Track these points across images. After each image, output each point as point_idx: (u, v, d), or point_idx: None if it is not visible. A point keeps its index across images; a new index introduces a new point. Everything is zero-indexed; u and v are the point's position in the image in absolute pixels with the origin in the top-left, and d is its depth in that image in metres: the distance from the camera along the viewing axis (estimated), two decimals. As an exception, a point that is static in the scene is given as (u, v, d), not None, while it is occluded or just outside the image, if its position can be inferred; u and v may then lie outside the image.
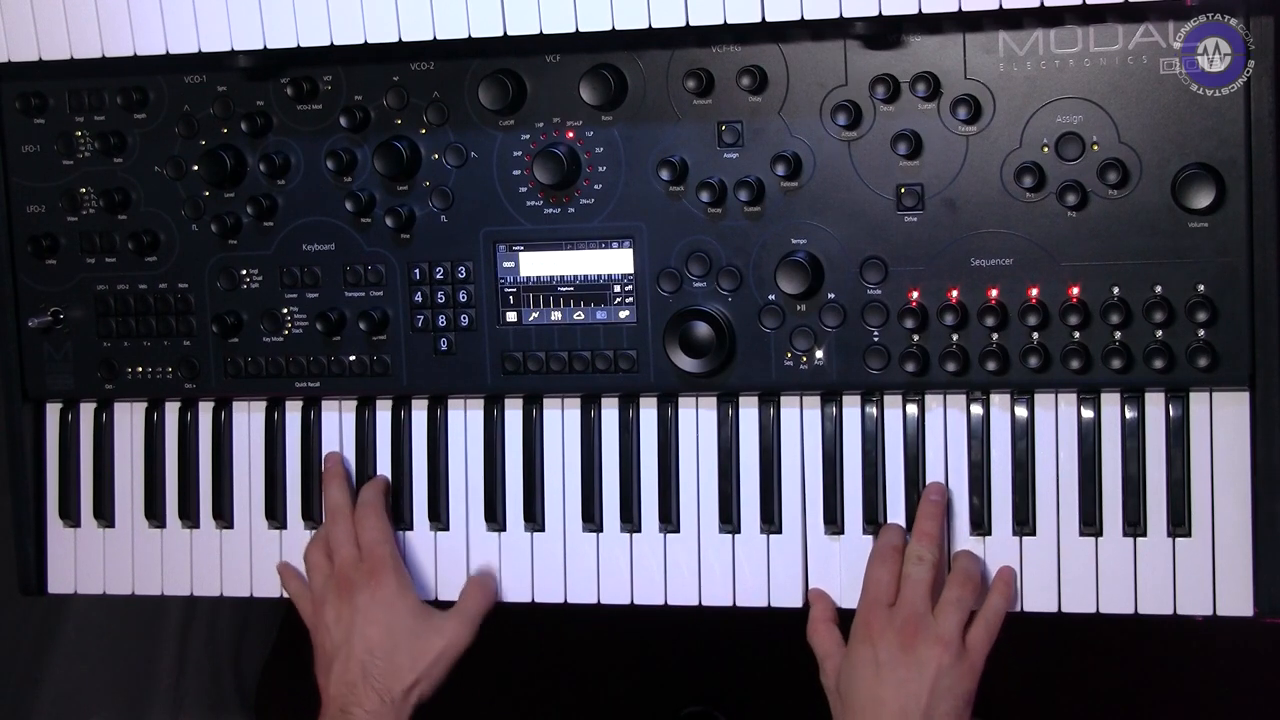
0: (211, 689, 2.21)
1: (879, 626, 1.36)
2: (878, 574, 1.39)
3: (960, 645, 1.35)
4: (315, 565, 1.52)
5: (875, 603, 1.38)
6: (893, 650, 1.34)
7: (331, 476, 1.55)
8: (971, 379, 1.41)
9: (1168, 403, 1.39)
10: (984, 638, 1.37)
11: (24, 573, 1.64)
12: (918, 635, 1.34)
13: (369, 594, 1.47)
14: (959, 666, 1.34)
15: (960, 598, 1.37)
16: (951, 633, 1.35)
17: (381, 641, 1.45)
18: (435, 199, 1.50)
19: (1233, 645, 2.12)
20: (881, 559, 1.40)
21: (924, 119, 1.39)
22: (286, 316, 1.55)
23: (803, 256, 1.42)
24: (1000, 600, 1.40)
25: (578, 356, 1.49)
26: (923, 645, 1.34)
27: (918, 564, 1.38)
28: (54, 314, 1.60)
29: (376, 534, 1.50)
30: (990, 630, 1.38)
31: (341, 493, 1.54)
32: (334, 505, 1.53)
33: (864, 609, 1.39)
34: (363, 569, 1.48)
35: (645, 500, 1.51)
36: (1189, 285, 1.36)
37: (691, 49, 1.44)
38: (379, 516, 1.52)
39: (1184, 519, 1.39)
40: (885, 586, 1.39)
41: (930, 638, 1.34)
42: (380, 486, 1.55)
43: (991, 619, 1.39)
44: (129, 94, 1.55)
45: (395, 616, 1.46)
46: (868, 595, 1.39)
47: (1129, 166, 1.35)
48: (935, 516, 1.41)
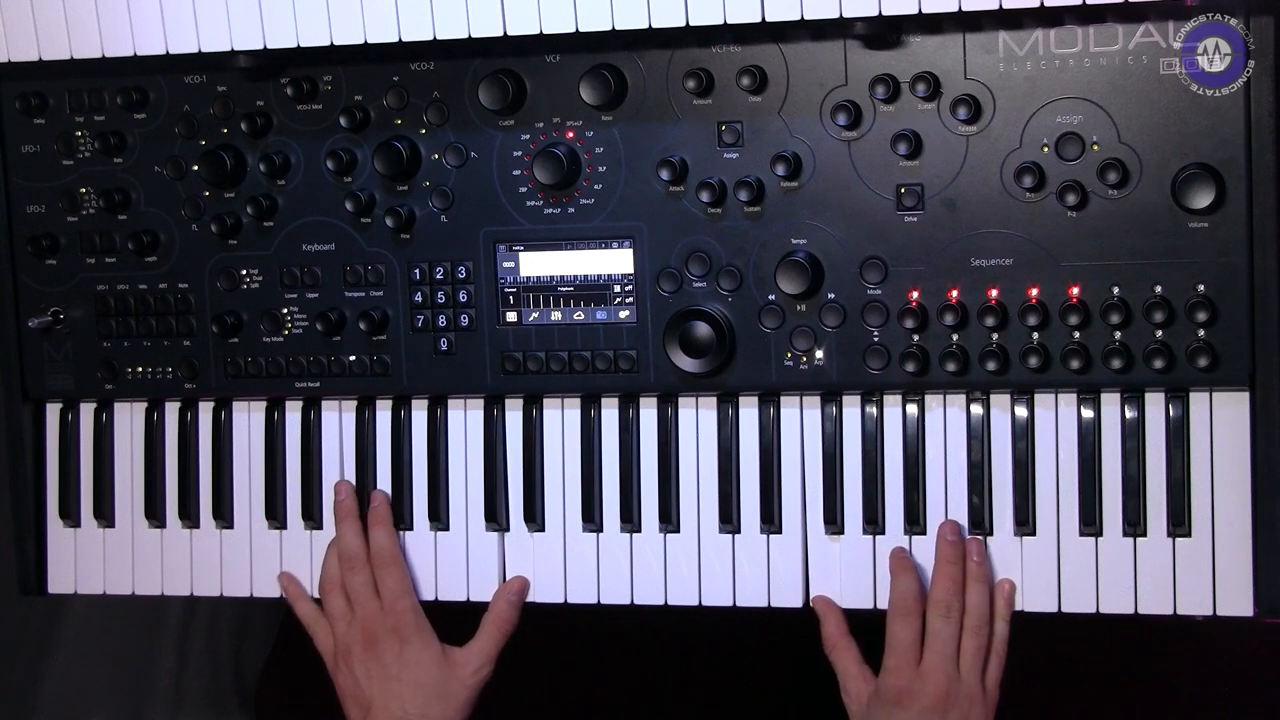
0: (211, 689, 2.21)
1: (910, 693, 1.38)
2: (902, 634, 1.41)
3: (981, 692, 1.39)
4: (338, 614, 1.52)
5: (904, 667, 1.39)
6: (923, 714, 1.37)
7: (344, 516, 1.54)
8: (971, 379, 1.41)
9: (1168, 403, 1.39)
10: (998, 673, 1.41)
11: (24, 573, 1.64)
12: (949, 698, 1.37)
13: (396, 652, 1.49)
14: (982, 713, 1.39)
15: (978, 647, 1.40)
16: (974, 685, 1.39)
17: (414, 696, 1.48)
18: (435, 199, 1.50)
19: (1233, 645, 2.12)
20: (904, 616, 1.41)
21: (924, 119, 1.39)
22: (286, 316, 1.55)
23: (803, 256, 1.42)
24: (1005, 627, 1.42)
25: (578, 356, 1.49)
26: (951, 706, 1.37)
27: (945, 620, 1.40)
28: (54, 314, 1.60)
29: (398, 586, 1.51)
30: (1002, 661, 1.42)
31: (356, 538, 1.53)
32: (351, 552, 1.52)
33: (892, 671, 1.40)
34: (387, 625, 1.50)
35: (645, 500, 1.51)
36: (1189, 285, 1.36)
37: (691, 49, 1.44)
38: (398, 565, 1.52)
39: (1184, 519, 1.39)
40: (911, 646, 1.40)
41: (958, 697, 1.38)
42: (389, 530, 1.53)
43: (1001, 650, 1.42)
44: (129, 94, 1.55)
45: (424, 672, 1.49)
46: (895, 655, 1.40)
47: (1129, 166, 1.35)
48: (956, 560, 1.42)
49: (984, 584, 1.42)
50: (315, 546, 1.58)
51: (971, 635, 1.40)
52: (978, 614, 1.41)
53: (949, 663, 1.39)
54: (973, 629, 1.40)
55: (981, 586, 1.41)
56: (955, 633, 1.40)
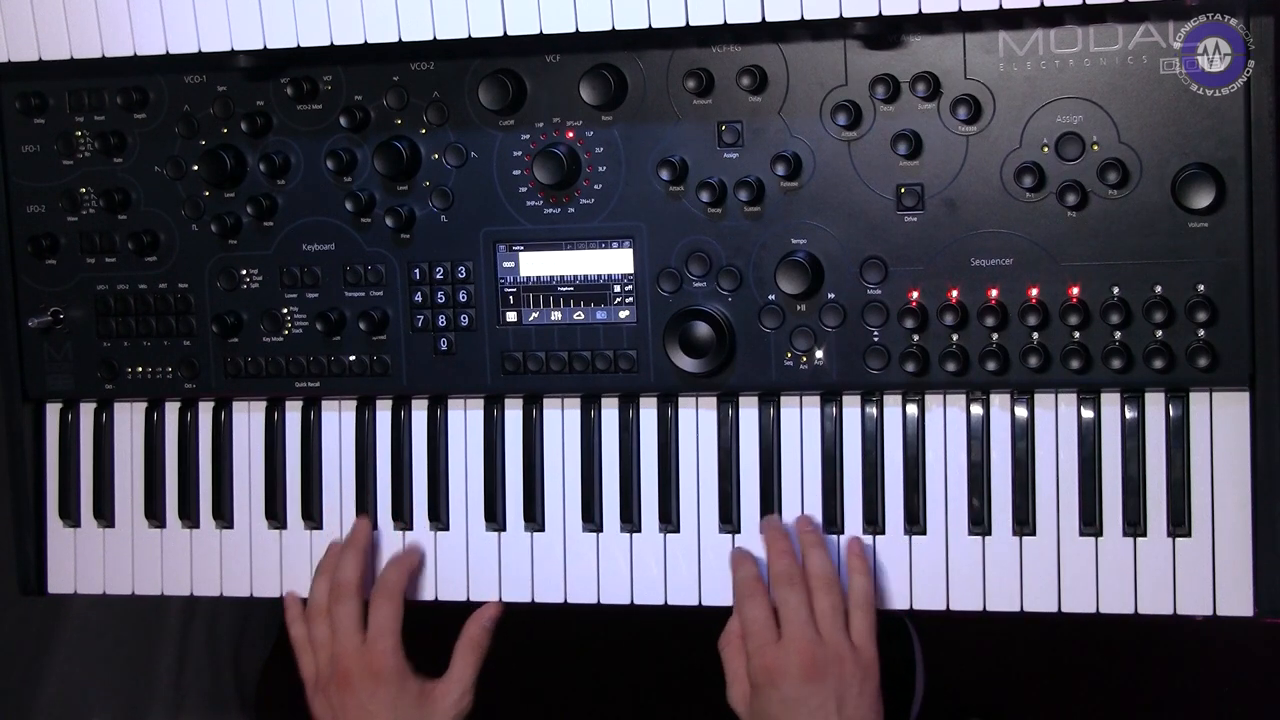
0: (211, 689, 2.21)
1: (778, 668, 1.35)
2: (754, 614, 1.39)
3: (853, 650, 1.36)
4: (320, 642, 1.49)
5: (765, 645, 1.37)
6: (797, 686, 1.34)
7: (351, 547, 1.52)
8: (971, 379, 1.41)
9: (1168, 403, 1.39)
10: (865, 627, 1.38)
11: (24, 573, 1.64)
12: (816, 663, 1.35)
13: (370, 692, 1.44)
14: (858, 670, 1.36)
15: (833, 604, 1.38)
16: (841, 644, 1.36)
17: None
18: (435, 199, 1.50)
19: (1233, 645, 2.12)
20: (750, 595, 1.40)
21: (924, 119, 1.39)
22: (286, 316, 1.55)
23: (803, 256, 1.42)
24: (862, 579, 1.40)
25: (578, 356, 1.49)
26: (825, 672, 1.35)
27: (790, 588, 1.38)
28: (54, 314, 1.60)
29: (386, 624, 1.46)
30: (868, 615, 1.39)
31: (355, 569, 1.50)
32: (344, 580, 1.49)
33: (755, 654, 1.38)
34: (363, 663, 1.45)
35: (645, 500, 1.51)
36: (1189, 285, 1.36)
37: (691, 49, 1.44)
38: (394, 605, 1.48)
39: (1184, 519, 1.39)
40: (765, 624, 1.38)
41: (827, 661, 1.35)
42: (406, 569, 1.51)
43: (863, 603, 1.39)
44: (129, 94, 1.55)
45: (401, 714, 1.45)
46: (754, 639, 1.38)
47: (1129, 166, 1.35)
48: (785, 536, 1.42)
49: (820, 547, 1.41)
50: (315, 546, 1.58)
51: (823, 594, 1.38)
52: (822, 573, 1.39)
53: (806, 627, 1.36)
54: (822, 588, 1.38)
55: (818, 550, 1.41)
56: (805, 599, 1.38)
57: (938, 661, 2.13)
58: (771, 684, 1.36)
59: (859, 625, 1.38)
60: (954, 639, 2.14)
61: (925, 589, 1.45)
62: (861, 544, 1.43)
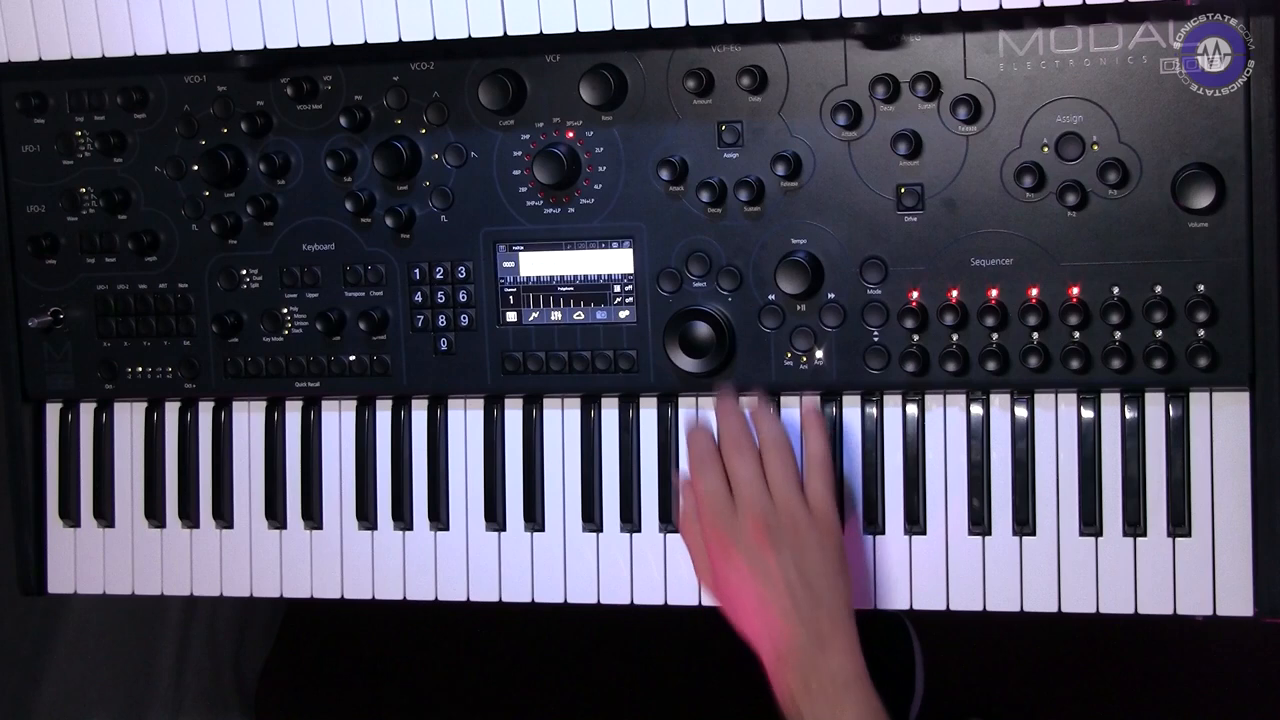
0: (211, 689, 2.22)
1: (731, 536, 1.34)
2: (708, 485, 1.37)
3: (807, 512, 1.34)
4: None
5: (718, 515, 1.36)
6: (752, 553, 1.33)
7: None
8: (971, 379, 1.41)
9: (1168, 403, 1.39)
10: (822, 488, 1.36)
11: (24, 573, 1.64)
12: (767, 528, 1.33)
13: None
14: (814, 532, 1.34)
15: (783, 465, 1.36)
16: (795, 508, 1.34)
17: None
18: (435, 199, 1.50)
19: (1233, 645, 2.12)
20: (703, 469, 1.38)
21: (924, 119, 1.39)
22: (286, 316, 1.55)
23: (803, 256, 1.42)
24: (817, 440, 1.39)
25: (578, 356, 1.49)
26: (779, 537, 1.33)
27: (740, 455, 1.37)
28: (54, 314, 1.60)
29: None
30: (823, 475, 1.37)
31: None
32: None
33: (708, 526, 1.37)
34: None
35: (645, 500, 1.51)
36: (1189, 285, 1.36)
37: (691, 49, 1.44)
38: None
39: (1184, 519, 1.39)
40: (719, 495, 1.36)
41: (781, 526, 1.33)
42: None
43: (819, 464, 1.38)
44: (129, 94, 1.55)
45: None
46: (708, 510, 1.37)
47: (1129, 166, 1.35)
48: (735, 408, 1.40)
49: (770, 417, 1.40)
50: (315, 546, 1.58)
51: (773, 457, 1.36)
52: (771, 436, 1.37)
53: (757, 492, 1.35)
54: (772, 451, 1.37)
55: (769, 419, 1.39)
56: (755, 464, 1.36)
57: (938, 661, 2.13)
58: (725, 555, 1.35)
59: (815, 486, 1.36)
60: (954, 639, 2.15)
61: (925, 589, 1.45)
62: (817, 404, 1.41)
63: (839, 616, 1.32)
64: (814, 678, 1.29)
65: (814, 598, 1.32)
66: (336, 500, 1.58)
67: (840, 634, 1.31)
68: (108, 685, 2.05)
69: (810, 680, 1.29)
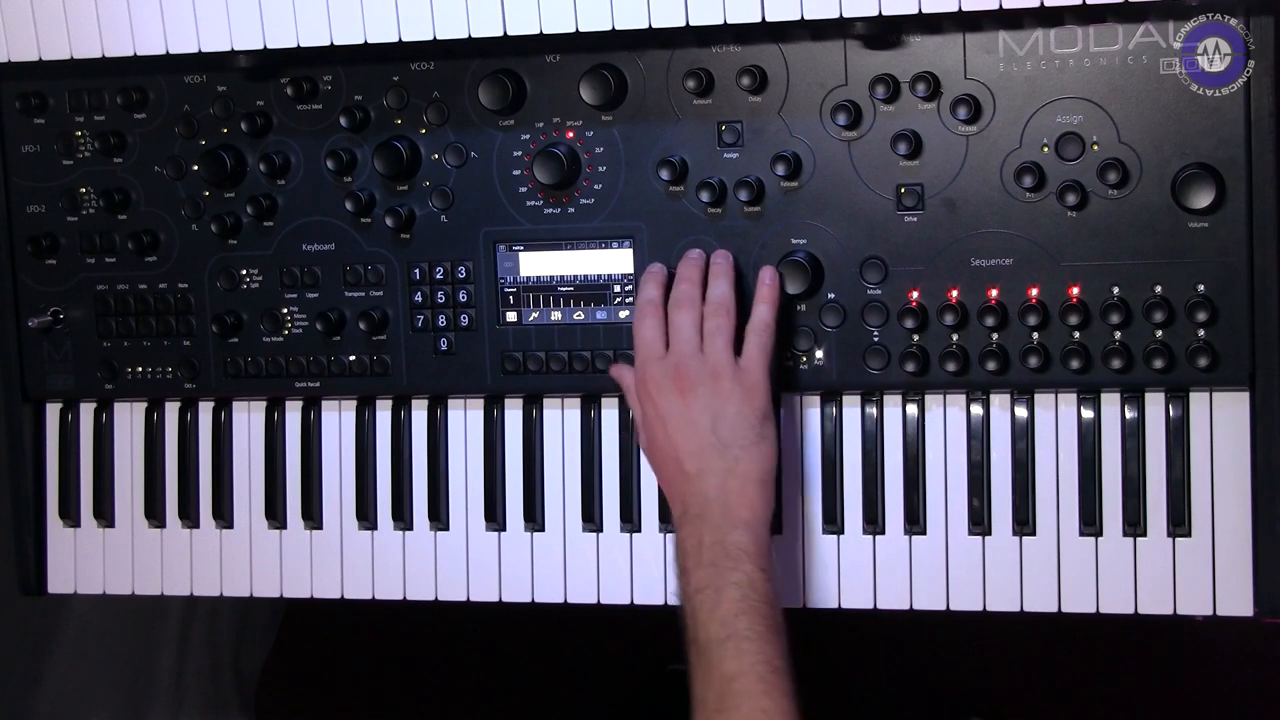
0: (211, 689, 2.22)
1: (655, 381, 1.36)
2: (644, 332, 1.39)
3: (733, 368, 1.35)
4: None
5: (648, 360, 1.37)
6: (672, 399, 1.34)
7: None
8: (971, 379, 1.41)
9: (1168, 403, 1.39)
10: (756, 352, 1.37)
11: (24, 573, 1.64)
12: (690, 377, 1.34)
13: None
14: (738, 389, 1.34)
15: (719, 325, 1.37)
16: (720, 361, 1.35)
17: None
18: (435, 199, 1.50)
19: (1233, 645, 2.12)
20: (643, 317, 1.40)
21: (924, 119, 1.39)
22: (286, 316, 1.55)
23: (803, 256, 1.42)
24: (764, 307, 1.39)
25: (578, 356, 1.49)
26: (698, 384, 1.34)
27: (681, 311, 1.38)
28: (54, 314, 1.60)
29: None
30: (761, 340, 1.38)
31: None
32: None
33: (639, 369, 1.38)
34: None
35: (645, 500, 1.51)
36: (1189, 285, 1.36)
37: (691, 49, 1.44)
38: None
39: (1184, 519, 1.39)
40: (653, 343, 1.38)
41: (702, 375, 1.34)
42: None
43: (760, 329, 1.38)
44: (129, 94, 1.55)
45: None
46: (640, 355, 1.39)
47: (1129, 166, 1.35)
48: (696, 264, 1.41)
49: (724, 278, 1.40)
50: (315, 546, 1.58)
51: (711, 315, 1.37)
52: (715, 298, 1.38)
53: (687, 343, 1.36)
54: (712, 311, 1.37)
55: (720, 280, 1.40)
56: (695, 319, 1.37)
57: (938, 661, 2.14)
58: (649, 399, 1.36)
59: (750, 349, 1.37)
60: (954, 639, 2.15)
61: (925, 589, 1.45)
62: (773, 274, 1.41)
63: (749, 490, 1.32)
64: (709, 536, 1.29)
65: (725, 455, 1.32)
66: (336, 500, 1.58)
67: (746, 508, 1.31)
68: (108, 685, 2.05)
69: (705, 537, 1.29)
